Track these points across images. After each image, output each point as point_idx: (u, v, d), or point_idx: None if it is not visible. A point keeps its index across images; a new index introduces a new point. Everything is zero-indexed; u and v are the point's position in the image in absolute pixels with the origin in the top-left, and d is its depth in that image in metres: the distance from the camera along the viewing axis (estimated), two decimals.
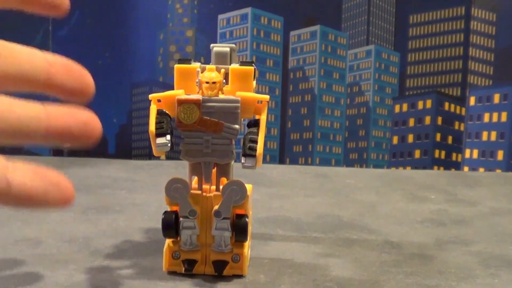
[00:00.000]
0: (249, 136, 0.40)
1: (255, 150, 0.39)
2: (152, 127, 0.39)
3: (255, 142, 0.39)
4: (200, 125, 0.39)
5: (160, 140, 0.39)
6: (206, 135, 0.40)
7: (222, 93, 0.40)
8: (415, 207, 0.75)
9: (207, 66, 0.41)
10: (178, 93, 0.40)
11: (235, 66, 0.42)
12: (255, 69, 0.42)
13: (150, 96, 0.40)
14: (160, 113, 0.40)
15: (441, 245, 0.55)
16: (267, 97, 0.40)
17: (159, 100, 0.40)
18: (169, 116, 0.40)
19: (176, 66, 0.42)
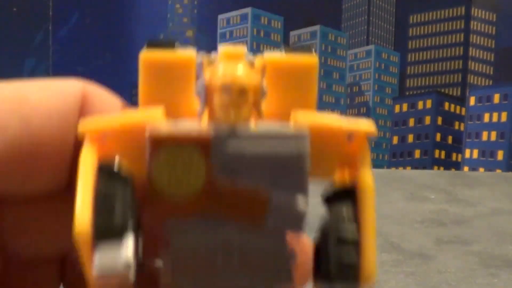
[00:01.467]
0: (337, 234, 0.18)
1: (356, 268, 0.17)
2: (82, 217, 0.16)
3: (352, 245, 0.18)
4: (211, 202, 0.18)
5: (105, 255, 0.16)
6: (224, 227, 0.18)
7: (260, 117, 0.19)
8: (415, 207, 0.76)
9: (222, 50, 0.19)
10: (150, 116, 0.18)
11: (277, 54, 0.20)
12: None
13: (83, 127, 0.18)
14: (105, 174, 0.17)
15: (441, 245, 0.55)
16: (371, 127, 0.19)
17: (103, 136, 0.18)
18: (128, 182, 0.18)
19: (145, 55, 0.20)
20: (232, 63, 0.18)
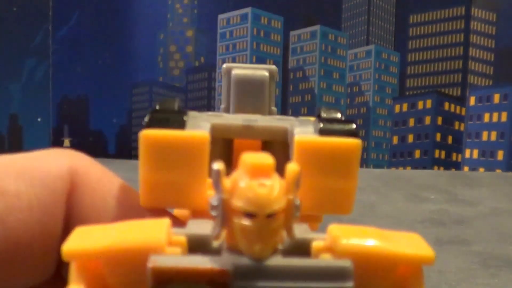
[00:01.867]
0: None
1: None
2: None
3: None
4: None
5: None
6: None
7: (292, 238, 0.15)
8: (415, 207, 0.76)
9: (247, 158, 0.14)
10: (154, 238, 0.15)
11: (308, 136, 0.17)
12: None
13: (67, 252, 0.14)
14: None
15: (441, 245, 0.56)
16: (428, 253, 0.16)
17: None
18: None
19: (146, 133, 0.17)
20: (258, 182, 0.14)
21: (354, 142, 0.16)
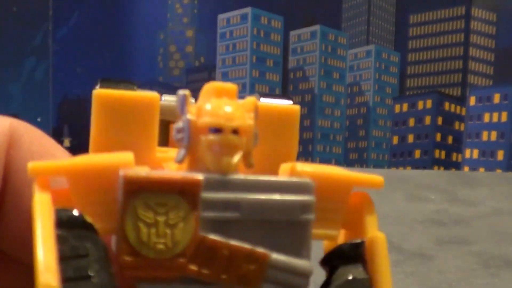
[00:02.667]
0: None
1: None
2: (47, 279, 0.13)
3: None
4: (197, 264, 0.15)
5: None
6: None
7: (251, 165, 0.16)
8: (415, 207, 0.76)
9: (210, 86, 0.16)
10: (123, 159, 0.15)
11: (266, 101, 0.19)
12: None
13: (33, 168, 0.14)
14: (70, 228, 0.14)
15: (441, 245, 0.56)
16: (378, 179, 0.18)
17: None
18: (97, 237, 0.15)
19: (100, 92, 0.17)
20: (223, 101, 0.15)
21: (295, 106, 0.18)
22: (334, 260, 0.16)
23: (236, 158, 0.15)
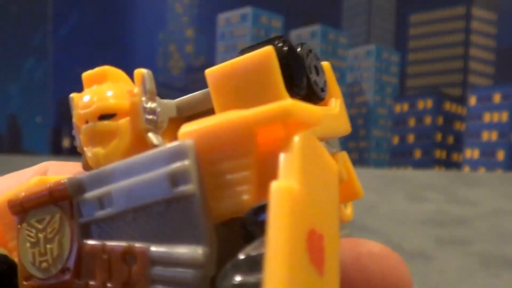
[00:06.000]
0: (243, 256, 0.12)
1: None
2: None
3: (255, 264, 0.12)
4: (85, 271, 0.13)
5: None
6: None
7: (156, 144, 0.15)
8: (415, 207, 0.76)
9: (84, 76, 0.15)
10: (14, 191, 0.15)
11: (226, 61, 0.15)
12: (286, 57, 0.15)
13: None
14: None
15: (441, 245, 0.56)
16: (284, 109, 0.13)
17: None
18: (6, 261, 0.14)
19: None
20: (93, 89, 0.14)
21: (265, 50, 0.14)
22: (243, 232, 0.12)
23: (111, 145, 0.13)
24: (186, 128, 0.13)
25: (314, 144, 0.13)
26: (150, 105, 0.14)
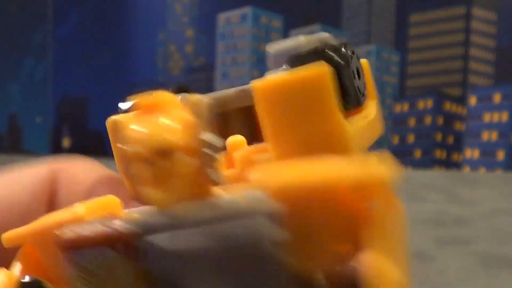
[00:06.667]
0: None
1: None
2: None
3: None
4: None
5: None
6: None
7: (215, 181, 0.12)
8: (415, 207, 0.76)
9: (135, 102, 0.13)
10: (64, 215, 0.13)
11: (276, 75, 0.13)
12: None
13: (4, 239, 0.13)
14: None
15: (441, 245, 0.55)
16: (390, 171, 0.12)
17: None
18: None
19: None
20: (149, 118, 0.12)
21: (319, 70, 0.12)
22: None
23: (174, 184, 0.11)
24: (261, 173, 0.11)
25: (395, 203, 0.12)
26: (208, 137, 0.12)
